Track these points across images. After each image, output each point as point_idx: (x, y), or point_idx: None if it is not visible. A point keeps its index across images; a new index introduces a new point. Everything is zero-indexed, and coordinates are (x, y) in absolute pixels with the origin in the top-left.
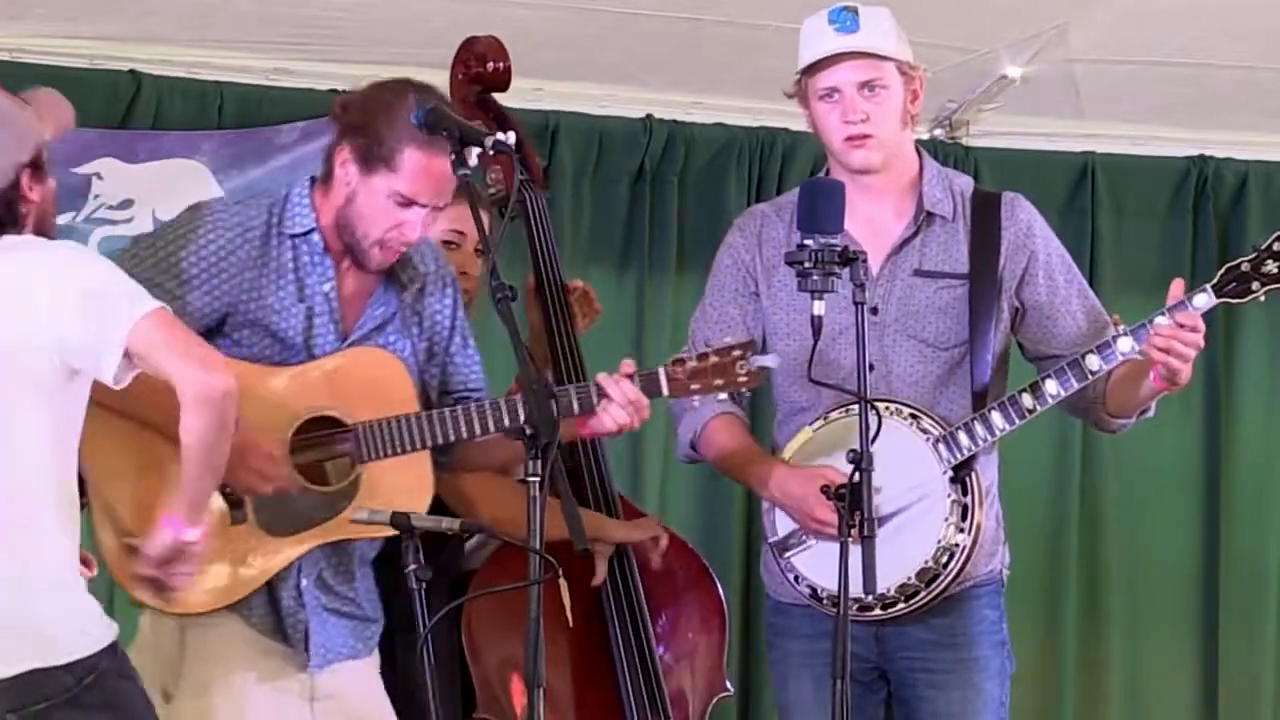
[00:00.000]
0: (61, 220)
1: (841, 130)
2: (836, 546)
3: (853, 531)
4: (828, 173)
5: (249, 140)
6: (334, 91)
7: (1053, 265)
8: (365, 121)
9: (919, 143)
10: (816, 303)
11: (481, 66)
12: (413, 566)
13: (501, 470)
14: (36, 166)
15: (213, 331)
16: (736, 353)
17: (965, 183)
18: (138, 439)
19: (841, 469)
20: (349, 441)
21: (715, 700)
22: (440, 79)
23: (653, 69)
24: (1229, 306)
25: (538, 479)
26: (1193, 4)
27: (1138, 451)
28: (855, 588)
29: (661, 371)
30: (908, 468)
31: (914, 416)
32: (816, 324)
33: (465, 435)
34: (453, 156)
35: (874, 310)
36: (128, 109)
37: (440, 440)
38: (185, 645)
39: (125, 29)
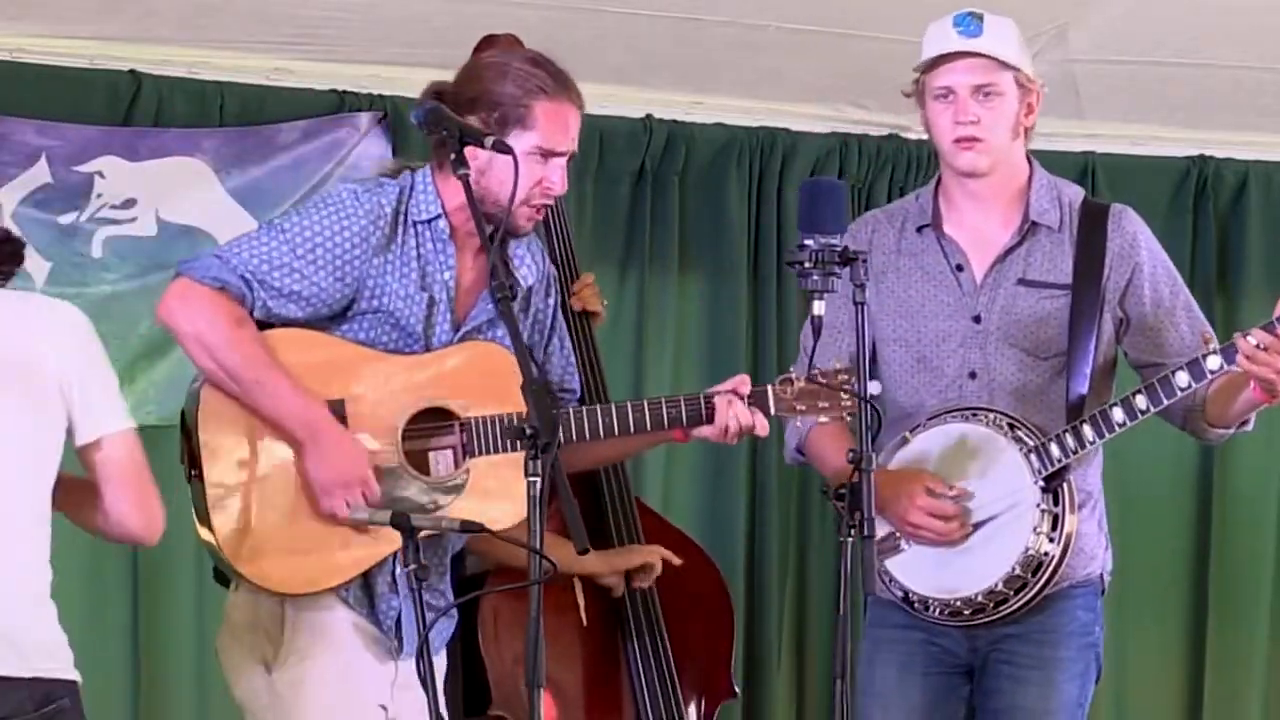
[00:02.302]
0: (65, 220)
1: (952, 131)
2: (930, 551)
3: (953, 531)
4: (938, 181)
5: (251, 138)
6: (334, 92)
7: (1158, 277)
8: (482, 90)
9: (920, 143)
10: (817, 302)
11: None
12: (412, 566)
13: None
14: None
15: (336, 316)
16: (843, 378)
17: (1075, 193)
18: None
19: (937, 474)
20: (461, 435)
21: (722, 704)
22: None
23: (653, 69)
24: (1229, 312)
25: (537, 479)
26: (1193, 4)
27: (1134, 457)
28: (948, 591)
29: (770, 391)
30: (1000, 476)
31: (1011, 425)
32: (816, 324)
33: (574, 438)
34: (453, 156)
35: (976, 319)
36: (128, 109)
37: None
38: (287, 618)
39: (125, 29)
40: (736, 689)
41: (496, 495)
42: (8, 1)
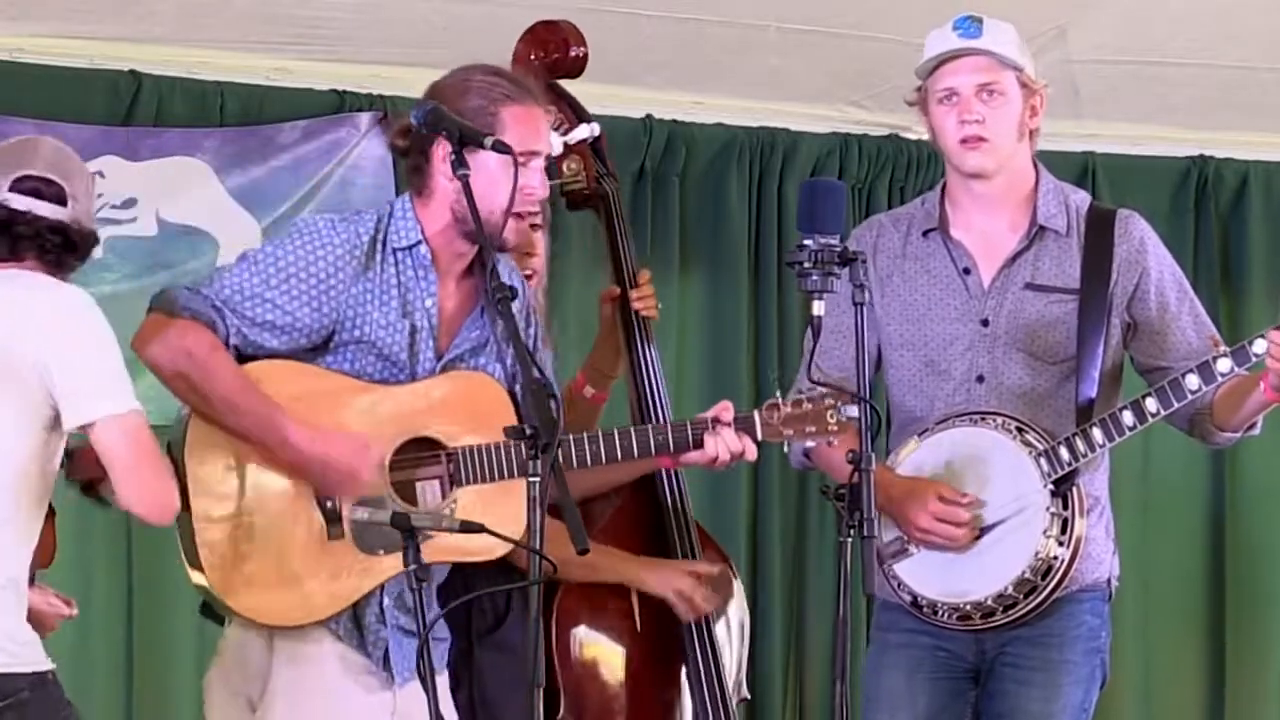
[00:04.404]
0: None
1: (958, 131)
2: (938, 555)
3: (963, 537)
4: (944, 187)
5: (251, 138)
6: (334, 92)
7: (1164, 282)
8: (450, 109)
9: (920, 143)
10: (816, 303)
11: (561, 52)
12: (413, 566)
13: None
14: None
15: (319, 348)
16: (829, 402)
17: (1081, 198)
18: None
19: (947, 478)
20: (448, 465)
21: (735, 703)
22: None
23: (653, 69)
24: (1232, 311)
25: (538, 479)
26: (1193, 4)
27: (1149, 461)
28: (957, 595)
29: (757, 417)
30: (1010, 480)
31: (1020, 429)
32: (816, 324)
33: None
34: (452, 157)
35: (985, 322)
36: (129, 109)
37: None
38: (275, 652)
39: (125, 29)
40: (745, 691)
41: (483, 520)
42: (8, 2)
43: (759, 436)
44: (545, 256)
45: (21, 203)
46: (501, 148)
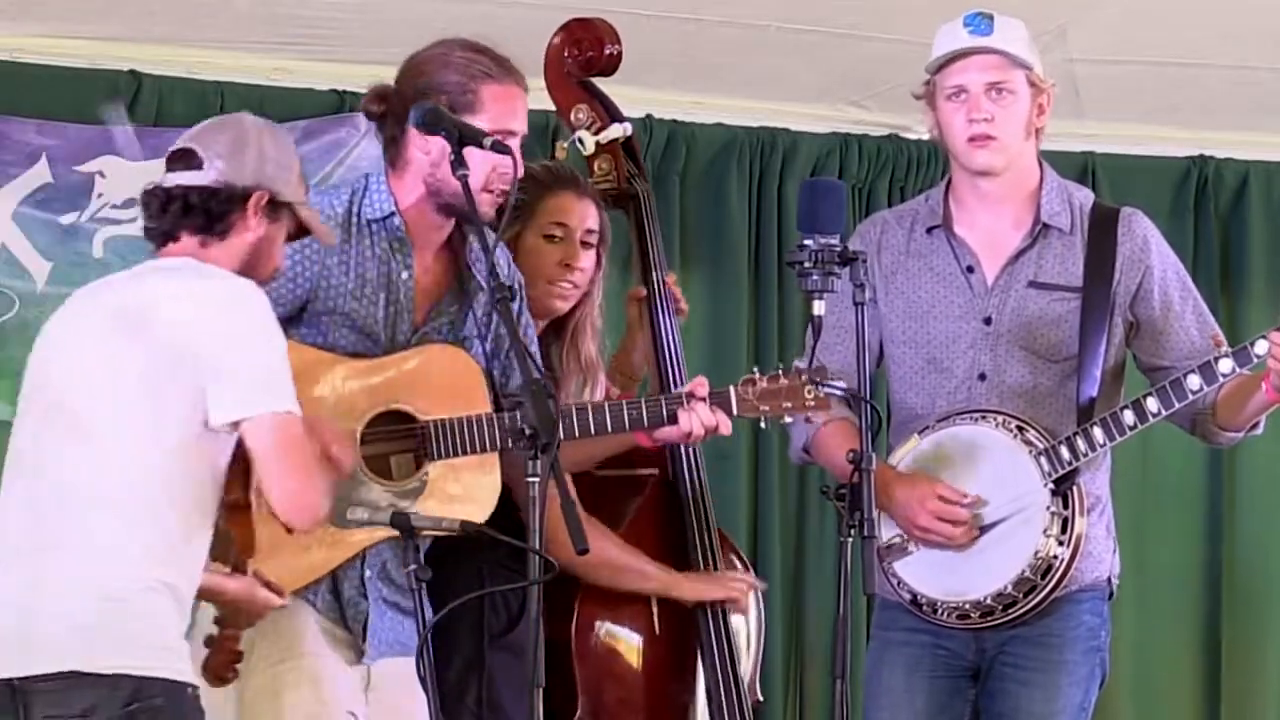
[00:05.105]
0: (65, 220)
1: (966, 129)
2: (938, 554)
3: (961, 536)
4: (949, 183)
5: None
6: (334, 92)
7: (1168, 281)
8: (427, 83)
9: (921, 143)
10: (817, 302)
11: (596, 50)
12: (413, 567)
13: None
14: (274, 204)
15: (293, 319)
16: (805, 377)
17: (1085, 196)
18: None
19: (947, 476)
20: (419, 438)
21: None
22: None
23: (653, 69)
24: (1232, 312)
25: (538, 479)
26: (1193, 4)
27: (1143, 463)
28: (957, 594)
29: (732, 391)
30: (1010, 479)
31: (1020, 428)
32: (816, 324)
33: None
34: (452, 157)
35: (987, 320)
36: (129, 109)
37: (510, 442)
38: (255, 626)
39: (125, 29)
40: (760, 694)
41: (460, 499)
42: (8, 1)
43: (734, 411)
44: (598, 274)
45: (160, 179)
46: (501, 148)
